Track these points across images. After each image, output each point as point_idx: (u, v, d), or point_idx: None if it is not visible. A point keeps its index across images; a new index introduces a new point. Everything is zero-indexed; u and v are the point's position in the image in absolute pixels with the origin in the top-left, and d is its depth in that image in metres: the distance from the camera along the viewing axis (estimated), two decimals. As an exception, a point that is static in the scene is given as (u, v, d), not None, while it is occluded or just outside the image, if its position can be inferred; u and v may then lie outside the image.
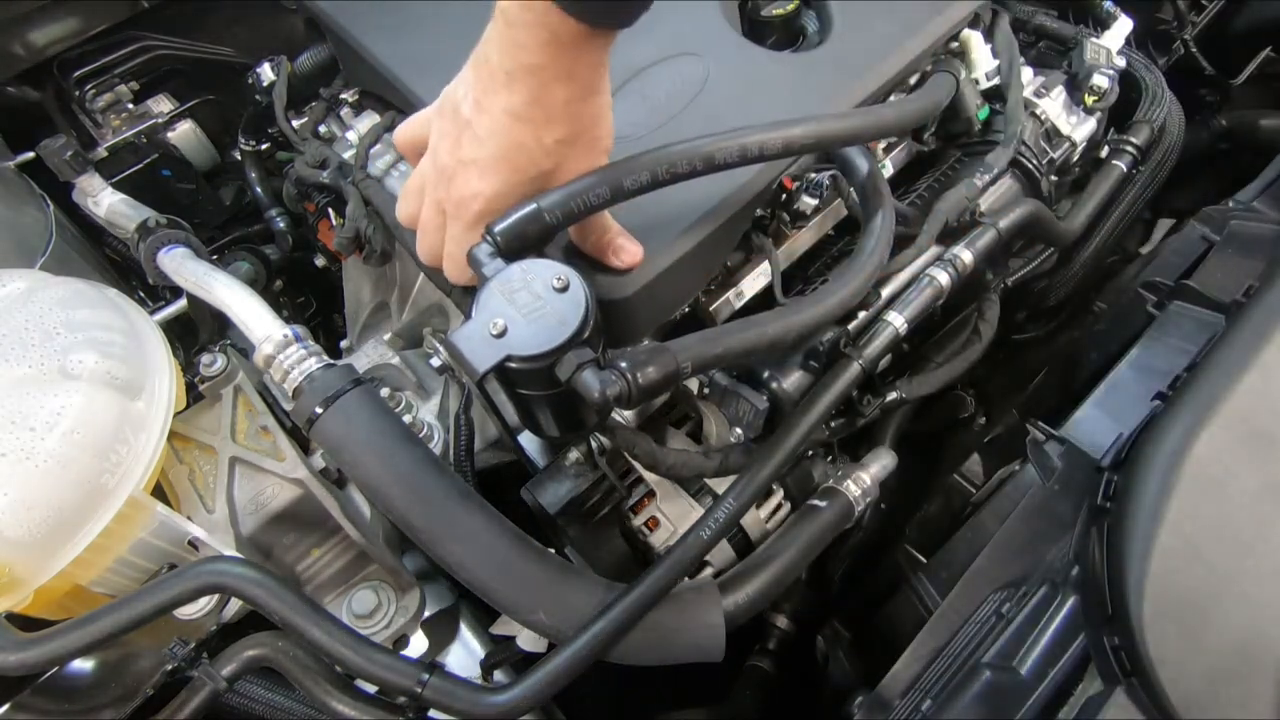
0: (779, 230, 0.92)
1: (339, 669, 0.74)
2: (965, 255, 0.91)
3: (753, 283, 0.91)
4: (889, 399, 0.92)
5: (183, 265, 0.91)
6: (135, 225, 0.96)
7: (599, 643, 0.67)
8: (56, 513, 0.67)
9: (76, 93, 1.30)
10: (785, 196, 0.88)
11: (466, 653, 1.05)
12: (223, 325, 1.12)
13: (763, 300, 0.92)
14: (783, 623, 1.09)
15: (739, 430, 0.89)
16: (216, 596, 0.79)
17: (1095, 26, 1.20)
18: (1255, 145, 1.37)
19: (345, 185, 0.96)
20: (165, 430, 0.76)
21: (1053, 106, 1.11)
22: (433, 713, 0.71)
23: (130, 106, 1.32)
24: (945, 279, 0.89)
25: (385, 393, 0.93)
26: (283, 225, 1.26)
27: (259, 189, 1.26)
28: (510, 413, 0.93)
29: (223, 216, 1.38)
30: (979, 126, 1.05)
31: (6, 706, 0.73)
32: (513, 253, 0.66)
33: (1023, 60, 1.07)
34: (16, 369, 0.69)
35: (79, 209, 1.06)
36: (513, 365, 0.62)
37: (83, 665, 0.77)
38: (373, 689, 0.74)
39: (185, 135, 1.33)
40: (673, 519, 0.89)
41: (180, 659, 0.74)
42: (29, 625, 0.68)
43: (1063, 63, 1.14)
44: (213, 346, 0.90)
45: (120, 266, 1.26)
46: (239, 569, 0.68)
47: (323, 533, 0.87)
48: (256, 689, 0.77)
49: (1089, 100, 1.11)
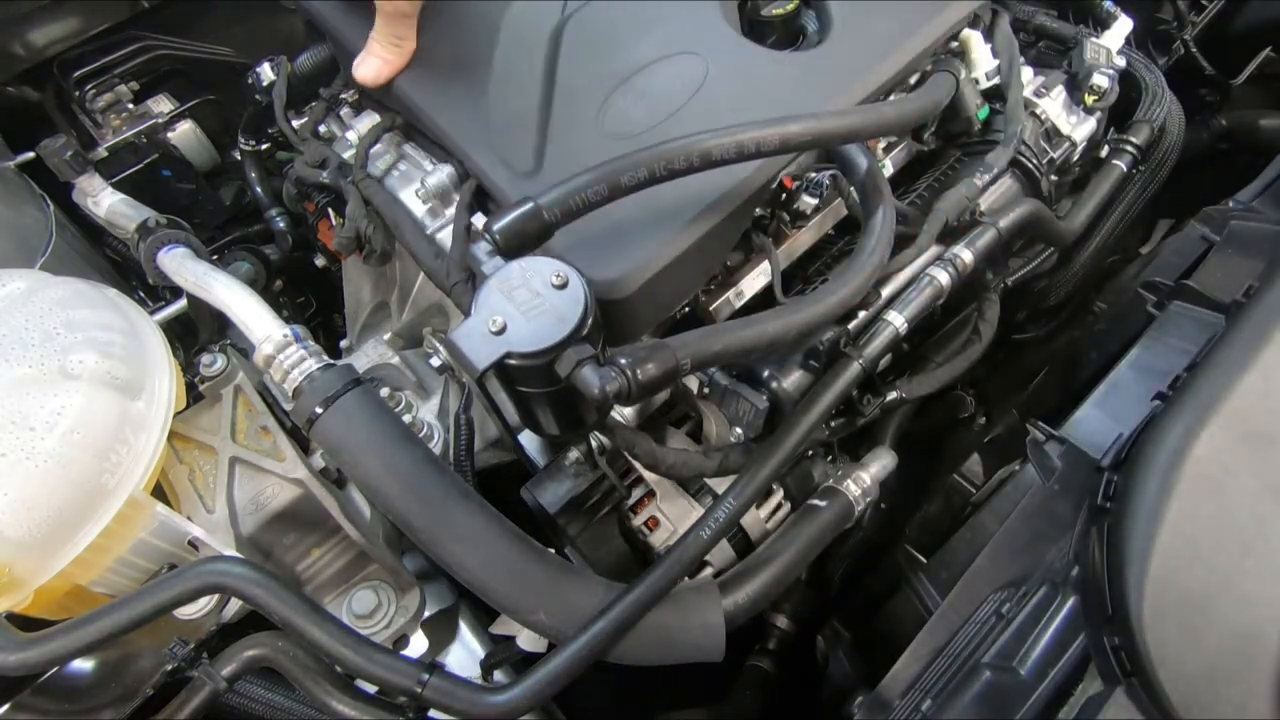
0: (779, 230, 0.92)
1: (339, 669, 0.74)
2: (965, 255, 0.91)
3: (753, 282, 0.91)
4: (889, 399, 0.92)
5: (183, 265, 0.91)
6: (135, 225, 0.96)
7: (599, 643, 0.67)
8: (56, 513, 0.67)
9: (76, 93, 1.30)
10: (785, 196, 0.88)
11: (466, 653, 1.05)
12: (223, 325, 1.12)
13: (763, 300, 0.92)
14: (783, 623, 1.09)
15: (739, 430, 0.89)
16: (216, 596, 0.79)
17: (1095, 26, 1.20)
18: (1255, 145, 1.37)
19: (345, 185, 0.96)
20: (165, 430, 0.76)
21: (1053, 106, 1.11)
22: (433, 713, 0.71)
23: (130, 106, 1.32)
24: (945, 279, 0.89)
25: (385, 393, 0.93)
26: (283, 225, 1.26)
27: (259, 189, 1.26)
28: (510, 411, 0.93)
29: (223, 216, 1.38)
30: (979, 126, 1.05)
31: (6, 706, 0.73)
32: (511, 250, 0.66)
33: (1023, 60, 1.07)
34: (16, 369, 0.69)
35: (79, 209, 1.06)
36: (512, 362, 0.62)
37: (83, 665, 0.77)
38: (373, 689, 0.74)
39: (185, 135, 1.33)
40: (673, 519, 0.89)
41: (180, 659, 0.74)
42: (29, 625, 0.68)
43: (1063, 63, 1.14)
44: (213, 346, 0.90)
45: (120, 266, 1.26)
46: (239, 569, 0.68)
47: (323, 533, 0.87)
48: (256, 689, 0.77)
49: (1089, 100, 1.11)
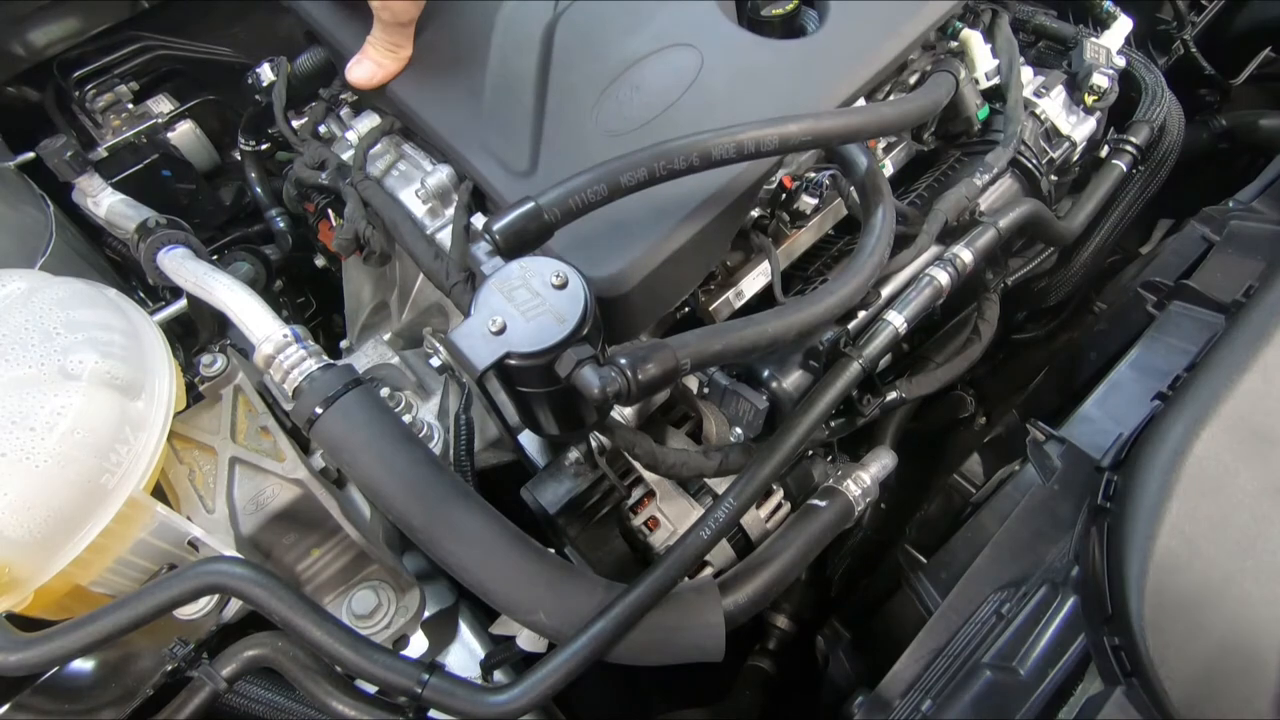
0: (779, 230, 0.92)
1: (339, 669, 0.74)
2: (965, 254, 0.91)
3: (752, 282, 0.91)
4: (889, 399, 0.92)
5: (183, 265, 0.91)
6: (135, 225, 0.96)
7: (599, 643, 0.67)
8: (56, 513, 0.67)
9: (76, 93, 1.30)
10: (785, 196, 0.88)
11: (466, 653, 1.05)
12: (223, 325, 1.12)
13: (763, 300, 0.92)
14: (783, 623, 1.09)
15: (739, 430, 0.89)
16: (216, 596, 0.79)
17: (1095, 26, 1.20)
18: (1255, 145, 1.37)
19: (344, 186, 0.96)
20: (165, 430, 0.76)
21: (1053, 106, 1.11)
22: (433, 713, 0.71)
23: (130, 106, 1.32)
24: (945, 278, 0.89)
25: (385, 393, 0.93)
26: (283, 225, 1.26)
27: (259, 189, 1.26)
28: (510, 411, 0.93)
29: (223, 216, 1.38)
30: (979, 126, 1.05)
31: (6, 706, 0.73)
32: (511, 251, 0.66)
33: (1023, 60, 1.07)
34: (16, 369, 0.69)
35: (79, 209, 1.06)
36: (512, 362, 0.62)
37: (83, 665, 0.77)
38: (373, 689, 0.74)
39: (185, 135, 1.33)
40: (673, 519, 0.89)
41: (180, 659, 0.74)
42: (29, 625, 0.68)
43: (1063, 62, 1.14)
44: (213, 346, 0.90)
45: (120, 266, 1.26)
46: (239, 569, 0.68)
47: (323, 533, 0.87)
48: (256, 689, 0.77)
49: (1089, 100, 1.11)
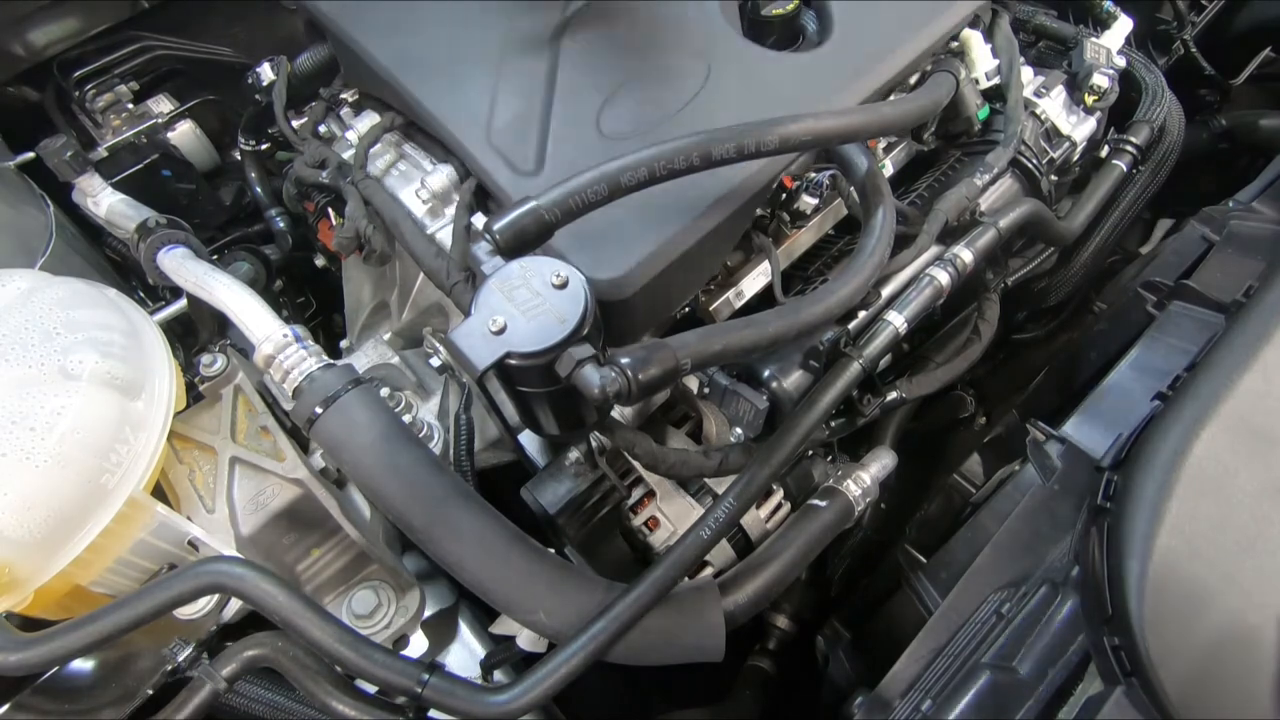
0: (779, 230, 0.92)
1: (339, 669, 0.74)
2: (965, 254, 0.91)
3: (753, 282, 0.91)
4: (889, 399, 0.92)
5: (183, 265, 0.91)
6: (135, 225, 0.96)
7: (599, 643, 0.67)
8: (56, 513, 0.67)
9: (76, 93, 1.30)
10: (785, 196, 0.88)
11: (466, 653, 1.05)
12: (223, 325, 1.12)
13: (763, 300, 0.92)
14: (783, 623, 1.09)
15: (739, 430, 0.89)
16: (216, 596, 0.79)
17: (1095, 26, 1.20)
18: (1255, 145, 1.37)
19: (345, 185, 0.96)
20: (165, 430, 0.76)
21: (1053, 106, 1.11)
22: (433, 712, 0.71)
23: (130, 106, 1.32)
24: (945, 278, 0.89)
25: (385, 393, 0.92)
26: (283, 225, 1.26)
27: (259, 189, 1.26)
28: (510, 411, 0.93)
29: (223, 216, 1.38)
30: (979, 126, 1.05)
31: (6, 706, 0.72)
32: (512, 250, 0.66)
33: (1023, 60, 1.07)
34: (16, 369, 0.69)
35: (79, 209, 1.06)
36: (512, 362, 0.62)
37: (83, 665, 0.77)
38: (373, 689, 0.74)
39: (185, 135, 1.33)
40: (673, 519, 0.89)
41: (180, 659, 0.74)
42: (29, 625, 0.68)
43: (1063, 63, 1.14)
44: (213, 346, 0.90)
45: (120, 266, 1.26)
46: (239, 569, 0.68)
47: (323, 533, 0.87)
48: (256, 689, 0.77)
49: (1089, 100, 1.11)
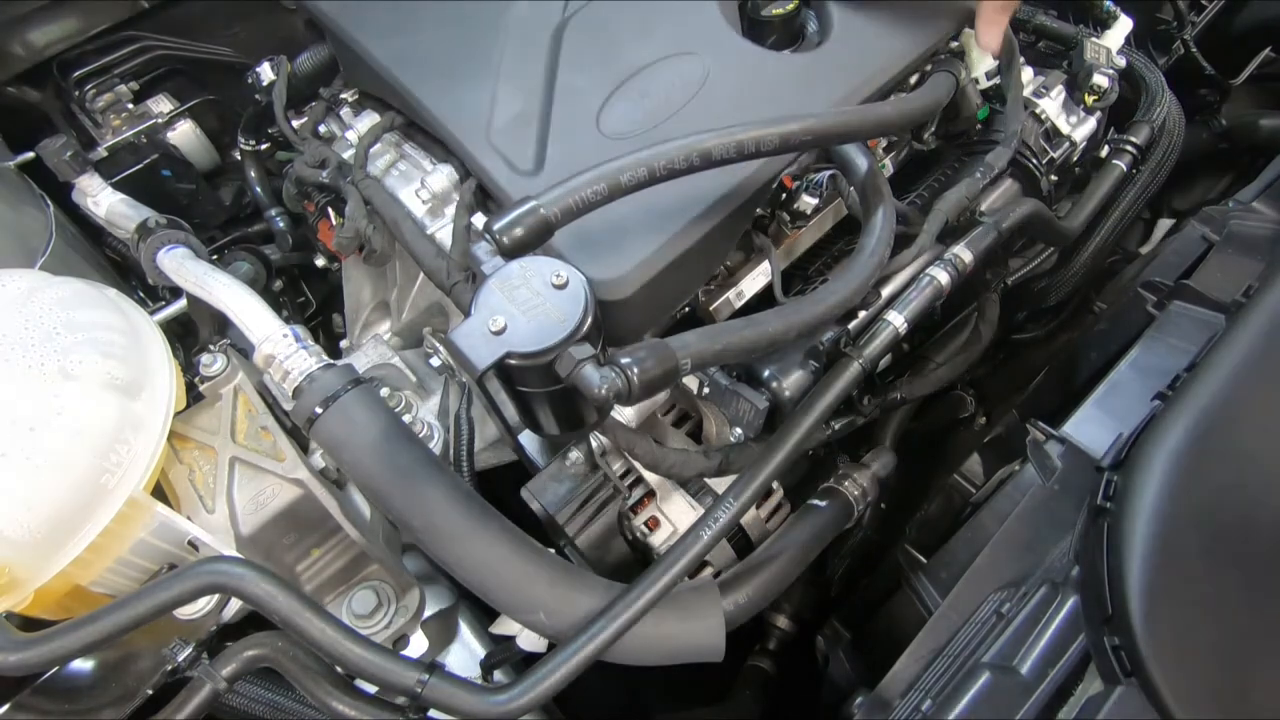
0: (779, 230, 0.92)
1: (339, 669, 0.74)
2: (965, 254, 0.91)
3: (752, 282, 0.91)
4: (889, 399, 0.92)
5: (183, 265, 0.91)
6: (135, 225, 0.96)
7: (599, 643, 0.67)
8: (56, 513, 0.67)
9: (76, 93, 1.30)
10: (785, 196, 0.88)
11: (467, 653, 1.05)
12: (223, 325, 1.12)
13: (763, 300, 0.92)
14: (783, 623, 1.09)
15: (739, 430, 0.89)
16: (216, 596, 0.79)
17: (1095, 26, 1.20)
18: (1255, 145, 1.37)
19: (345, 185, 0.96)
20: (165, 430, 0.76)
21: (1053, 106, 1.11)
22: (433, 712, 0.71)
23: (130, 106, 1.32)
24: (945, 278, 0.89)
25: (385, 393, 0.92)
26: (283, 225, 1.26)
27: (259, 189, 1.26)
28: (510, 411, 0.93)
29: (223, 216, 1.38)
30: (979, 126, 1.05)
31: (6, 706, 0.72)
32: (512, 250, 0.66)
33: (1023, 60, 1.07)
34: (16, 369, 0.69)
35: (79, 209, 1.06)
36: (512, 362, 0.62)
37: (83, 665, 0.77)
38: (373, 689, 0.74)
39: (185, 135, 1.33)
40: (673, 519, 0.89)
41: (180, 659, 0.74)
42: (29, 625, 0.68)
43: (1063, 63, 1.14)
44: (213, 346, 0.90)
45: (120, 266, 1.26)
46: (239, 569, 0.68)
47: (323, 533, 0.87)
48: (256, 689, 0.78)
49: (1089, 100, 1.11)
